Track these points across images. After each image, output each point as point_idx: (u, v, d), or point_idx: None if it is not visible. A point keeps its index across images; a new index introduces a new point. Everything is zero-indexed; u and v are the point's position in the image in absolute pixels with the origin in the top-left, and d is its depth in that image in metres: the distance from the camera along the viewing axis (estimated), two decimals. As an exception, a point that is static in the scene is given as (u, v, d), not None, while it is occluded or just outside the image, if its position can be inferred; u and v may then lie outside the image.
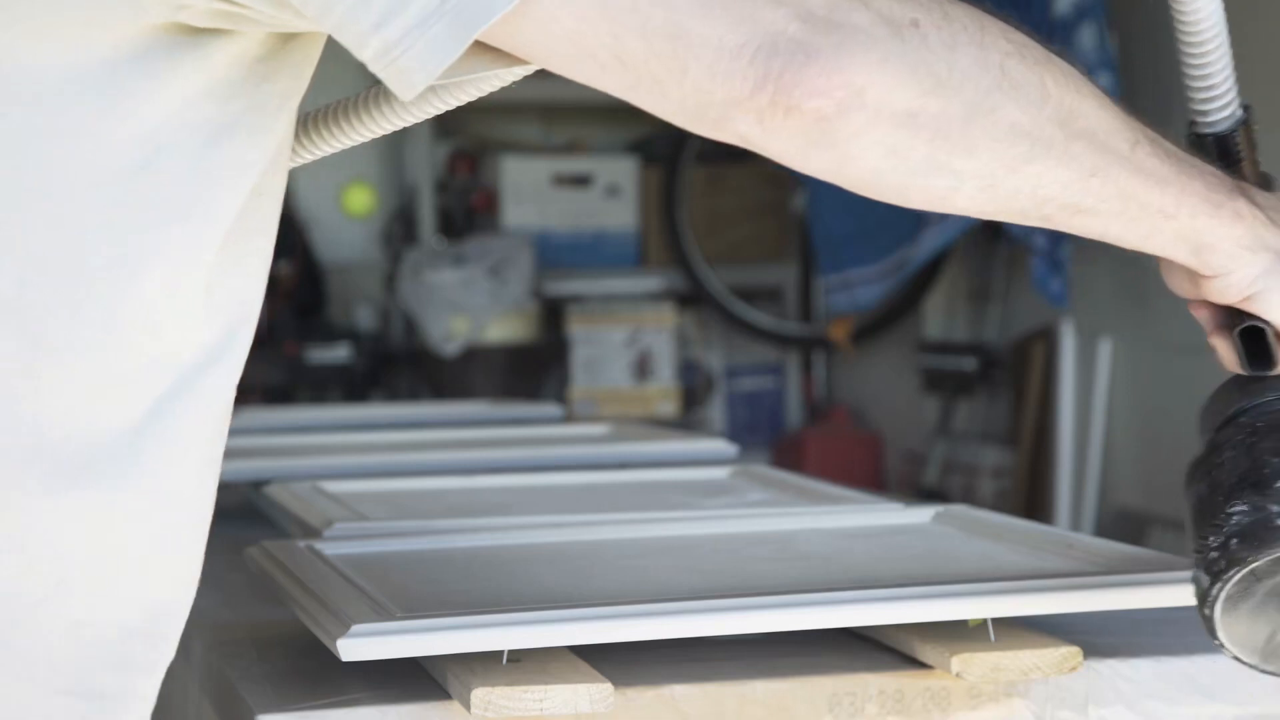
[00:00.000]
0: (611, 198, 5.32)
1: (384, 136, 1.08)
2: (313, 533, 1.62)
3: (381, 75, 0.92)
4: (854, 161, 0.95)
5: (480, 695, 1.17)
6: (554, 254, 5.20)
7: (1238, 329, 1.12)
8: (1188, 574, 1.32)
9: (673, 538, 1.61)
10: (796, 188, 5.00)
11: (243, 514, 2.10)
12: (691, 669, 1.26)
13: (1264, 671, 1.12)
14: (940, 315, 4.74)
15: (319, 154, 1.12)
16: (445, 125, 5.32)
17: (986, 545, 1.54)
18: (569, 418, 3.43)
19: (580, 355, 5.15)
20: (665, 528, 1.64)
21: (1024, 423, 4.29)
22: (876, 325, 4.86)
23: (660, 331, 5.22)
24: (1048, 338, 4.21)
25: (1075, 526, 4.00)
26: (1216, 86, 1.16)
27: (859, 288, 4.54)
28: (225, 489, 2.18)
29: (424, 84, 0.90)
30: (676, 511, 1.72)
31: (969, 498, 4.25)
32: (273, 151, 0.99)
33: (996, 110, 0.96)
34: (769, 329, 5.25)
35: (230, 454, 2.18)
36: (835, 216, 4.64)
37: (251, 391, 4.81)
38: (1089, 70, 4.24)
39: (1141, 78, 3.88)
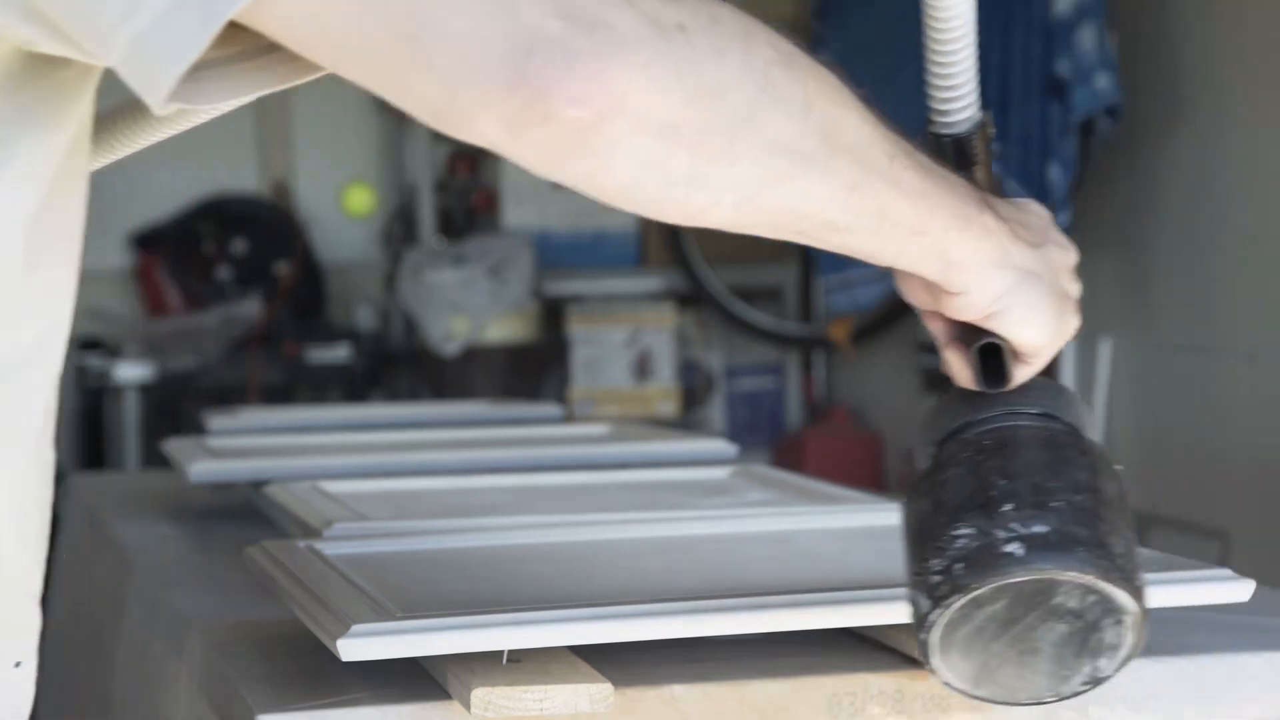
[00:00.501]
0: (611, 198, 5.31)
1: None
2: (313, 533, 1.62)
3: (129, 75, 0.86)
4: (610, 172, 0.90)
5: (480, 695, 1.17)
6: (554, 254, 5.20)
7: (976, 345, 1.08)
8: (1188, 574, 1.32)
9: (673, 538, 1.61)
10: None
11: (243, 514, 2.10)
12: (691, 669, 1.26)
13: (974, 697, 1.09)
14: (940, 315, 4.74)
15: (117, 155, 1.08)
16: (445, 125, 5.32)
17: (986, 545, 1.54)
18: (569, 418, 3.43)
19: (580, 355, 5.15)
20: (665, 528, 1.64)
21: (1024, 423, 4.29)
22: (876, 325, 4.86)
23: (660, 331, 5.22)
24: (1048, 338, 4.21)
25: (1075, 526, 3.99)
26: (960, 86, 1.11)
27: (859, 288, 4.54)
28: (225, 489, 2.19)
29: (174, 78, 0.84)
30: (676, 511, 1.72)
31: (969, 498, 4.24)
32: (69, 143, 0.95)
33: (761, 122, 0.92)
34: (769, 329, 5.25)
35: (230, 454, 2.20)
36: (835, 216, 4.63)
37: (251, 391, 4.81)
38: (1089, 70, 4.24)
39: (1142, 78, 3.89)
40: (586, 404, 5.09)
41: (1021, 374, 1.10)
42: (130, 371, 4.80)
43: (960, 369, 1.10)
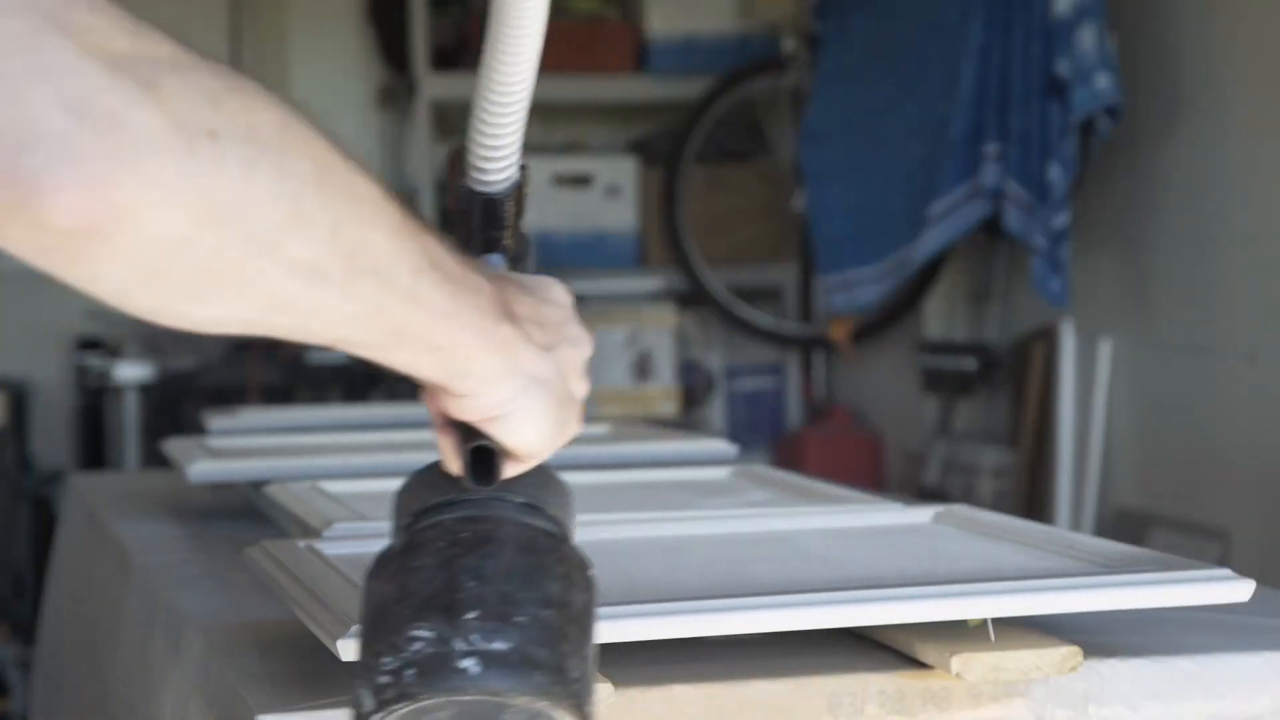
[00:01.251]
0: (611, 198, 5.32)
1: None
2: (313, 533, 1.62)
3: None
4: (104, 282, 0.83)
5: (480, 695, 1.16)
6: (554, 254, 5.20)
7: (470, 446, 1.05)
8: (1188, 574, 1.32)
9: (673, 538, 1.61)
10: (796, 188, 5.00)
11: (243, 514, 2.10)
12: (691, 669, 1.26)
13: None
14: (940, 315, 4.74)
15: None
16: (445, 125, 5.32)
17: (986, 545, 1.54)
18: (569, 418, 3.43)
19: (580, 355, 5.15)
20: (665, 528, 1.64)
21: (1024, 423, 4.29)
22: (876, 325, 4.86)
23: (660, 332, 5.22)
24: (1048, 338, 4.21)
25: (1075, 526, 4.00)
26: (504, 149, 1.09)
27: (859, 288, 4.54)
28: (225, 489, 2.19)
29: None
30: (676, 511, 1.72)
31: (969, 498, 4.25)
32: None
33: (281, 247, 0.85)
34: (769, 329, 5.25)
35: (230, 454, 2.20)
36: (835, 216, 4.64)
37: (251, 391, 4.81)
38: (1089, 70, 4.23)
39: (1142, 78, 3.89)
40: (586, 404, 5.09)
41: (511, 472, 1.07)
42: (130, 371, 4.80)
43: (450, 457, 1.07)
